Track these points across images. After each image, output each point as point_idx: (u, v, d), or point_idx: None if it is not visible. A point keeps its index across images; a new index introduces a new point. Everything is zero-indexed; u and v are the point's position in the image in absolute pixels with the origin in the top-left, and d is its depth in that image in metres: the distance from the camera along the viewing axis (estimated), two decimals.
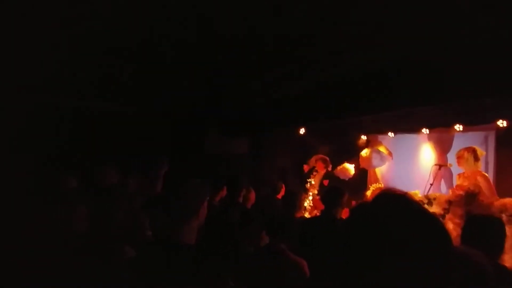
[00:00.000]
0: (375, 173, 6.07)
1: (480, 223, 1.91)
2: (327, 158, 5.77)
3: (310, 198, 5.38)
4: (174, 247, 1.29)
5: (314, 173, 5.54)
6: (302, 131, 5.97)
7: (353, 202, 5.12)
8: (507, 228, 2.72)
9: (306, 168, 5.70)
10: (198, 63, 4.05)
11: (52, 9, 2.62)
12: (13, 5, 2.55)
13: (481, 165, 3.74)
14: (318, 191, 5.43)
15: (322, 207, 4.82)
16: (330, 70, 4.04)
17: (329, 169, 5.67)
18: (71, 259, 1.50)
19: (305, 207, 5.19)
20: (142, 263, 1.30)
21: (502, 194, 3.59)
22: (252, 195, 3.85)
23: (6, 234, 1.68)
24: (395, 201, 0.74)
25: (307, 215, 4.98)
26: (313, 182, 5.47)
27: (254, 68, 4.15)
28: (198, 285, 1.19)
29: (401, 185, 4.82)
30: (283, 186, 4.53)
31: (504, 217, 2.89)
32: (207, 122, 6.52)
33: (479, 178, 3.54)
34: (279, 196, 4.40)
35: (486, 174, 3.65)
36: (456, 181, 3.83)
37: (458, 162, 3.76)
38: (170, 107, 5.92)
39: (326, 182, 5.43)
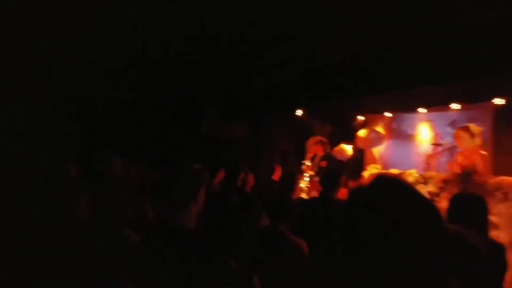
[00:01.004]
0: (372, 153, 6.11)
1: (464, 202, 1.94)
2: (325, 140, 5.78)
3: (307, 179, 5.43)
4: (174, 233, 1.32)
5: (310, 155, 5.57)
6: (300, 113, 5.96)
7: (351, 183, 5.20)
8: (501, 205, 2.78)
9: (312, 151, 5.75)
10: (196, 48, 4.00)
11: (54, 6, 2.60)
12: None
13: (479, 141, 3.74)
14: (316, 172, 5.46)
15: (320, 188, 4.89)
16: (327, 52, 4.00)
17: (328, 150, 5.70)
18: (75, 247, 1.54)
19: (302, 188, 5.25)
20: (144, 249, 1.34)
21: (499, 172, 3.63)
22: (251, 178, 3.87)
23: (8, 225, 1.70)
24: (391, 184, 0.76)
25: (304, 196, 5.03)
26: (308, 164, 5.50)
27: (252, 51, 4.11)
28: (200, 268, 1.23)
29: (398, 165, 4.87)
30: (279, 167, 4.54)
31: (499, 194, 2.95)
32: (205, 105, 6.50)
33: (476, 157, 3.57)
34: (276, 177, 4.42)
35: (484, 153, 3.65)
36: (457, 159, 3.86)
37: (457, 143, 3.79)
38: (168, 91, 5.88)
39: (324, 164, 5.46)
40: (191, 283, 1.21)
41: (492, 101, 4.39)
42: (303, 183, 5.31)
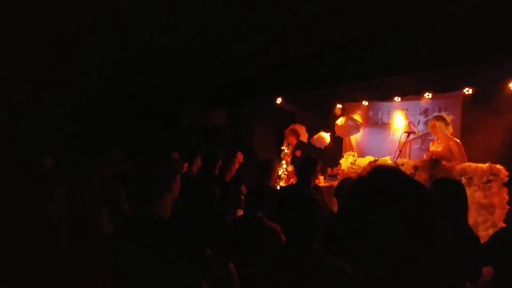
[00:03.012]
0: (350, 141, 6.27)
1: (444, 185, 2.03)
2: (297, 129, 5.85)
3: (284, 166, 5.49)
4: (148, 222, 1.33)
5: (285, 141, 5.60)
6: (279, 101, 6.01)
7: (329, 170, 5.33)
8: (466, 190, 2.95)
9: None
10: (173, 37, 3.92)
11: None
12: None
13: (452, 129, 3.91)
14: (291, 161, 5.52)
15: (296, 178, 4.95)
16: (306, 41, 4.02)
17: (301, 139, 5.76)
18: (51, 240, 1.52)
19: (280, 176, 5.31)
20: (119, 238, 1.35)
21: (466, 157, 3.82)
22: (234, 168, 3.78)
23: None
24: (390, 173, 0.80)
25: (282, 184, 5.10)
26: (286, 151, 5.54)
27: (230, 39, 4.06)
28: (174, 257, 1.25)
29: (373, 152, 5.03)
30: (240, 154, 4.52)
31: (463, 179, 3.12)
32: (184, 94, 6.41)
33: (451, 144, 3.73)
34: (236, 164, 4.40)
35: (458, 140, 3.82)
36: (430, 148, 4.03)
37: (432, 131, 3.94)
38: (146, 81, 5.75)
39: (298, 153, 5.52)
40: (166, 272, 1.23)
41: (461, 90, 4.59)
42: (281, 171, 5.37)
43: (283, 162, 5.53)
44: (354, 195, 0.79)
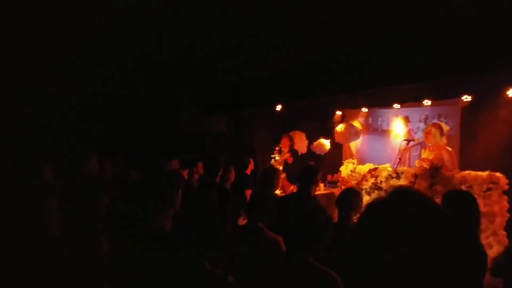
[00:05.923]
0: (349, 147, 6.27)
1: (456, 198, 2.02)
2: (293, 136, 5.82)
3: None
4: (149, 237, 1.33)
5: (277, 148, 5.52)
6: (279, 108, 6.02)
7: (329, 176, 5.32)
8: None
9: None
10: (174, 43, 3.94)
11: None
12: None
13: (445, 140, 3.94)
14: (283, 168, 5.44)
15: (288, 185, 4.93)
16: (306, 49, 4.04)
17: (294, 146, 5.70)
18: (44, 253, 1.51)
19: None
20: (117, 255, 1.34)
21: (465, 165, 3.84)
22: (232, 175, 3.80)
23: None
24: (408, 196, 0.80)
25: (278, 191, 5.04)
26: (277, 158, 5.43)
27: (232, 46, 4.09)
28: (173, 271, 1.24)
29: (373, 159, 5.03)
30: (252, 161, 4.52)
31: (463, 188, 3.12)
32: (184, 100, 6.43)
33: (444, 152, 3.75)
34: (248, 171, 4.41)
35: (450, 149, 3.84)
36: (422, 155, 4.04)
37: (426, 138, 3.94)
38: (146, 86, 5.78)
39: (290, 160, 5.43)
40: (165, 286, 1.23)
41: (460, 97, 4.61)
42: None
43: None
44: (371, 215, 0.80)
